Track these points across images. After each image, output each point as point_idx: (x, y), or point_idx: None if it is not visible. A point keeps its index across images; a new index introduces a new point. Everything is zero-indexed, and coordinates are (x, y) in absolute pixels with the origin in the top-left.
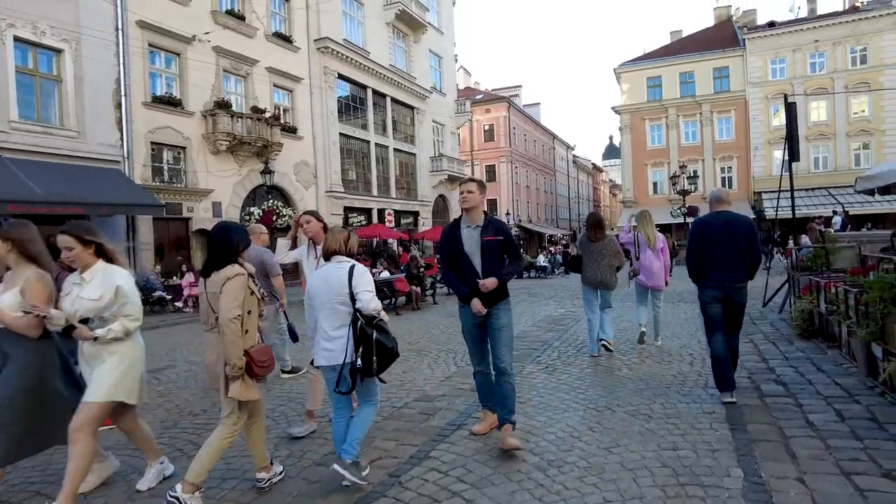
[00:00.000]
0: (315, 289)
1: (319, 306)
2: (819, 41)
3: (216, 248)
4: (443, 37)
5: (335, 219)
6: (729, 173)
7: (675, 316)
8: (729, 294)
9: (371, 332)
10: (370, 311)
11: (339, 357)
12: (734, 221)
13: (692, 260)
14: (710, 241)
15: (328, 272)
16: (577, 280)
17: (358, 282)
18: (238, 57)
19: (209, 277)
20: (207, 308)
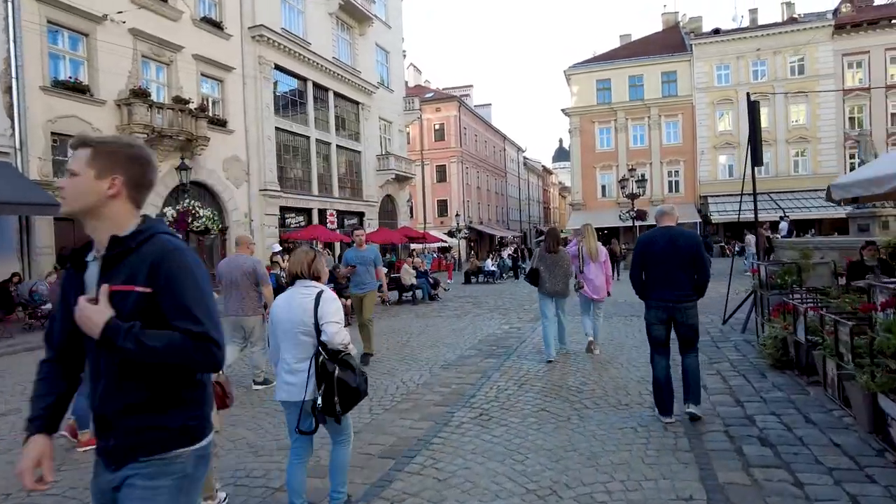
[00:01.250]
0: (277, 315)
1: (282, 334)
2: (761, 49)
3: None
4: (390, 31)
5: (269, 219)
6: (676, 177)
7: (630, 335)
8: (673, 315)
9: (333, 368)
10: (336, 344)
11: (301, 392)
12: (678, 237)
13: (635, 276)
14: (653, 257)
15: (291, 297)
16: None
17: (324, 310)
18: (160, 42)
19: None
20: None
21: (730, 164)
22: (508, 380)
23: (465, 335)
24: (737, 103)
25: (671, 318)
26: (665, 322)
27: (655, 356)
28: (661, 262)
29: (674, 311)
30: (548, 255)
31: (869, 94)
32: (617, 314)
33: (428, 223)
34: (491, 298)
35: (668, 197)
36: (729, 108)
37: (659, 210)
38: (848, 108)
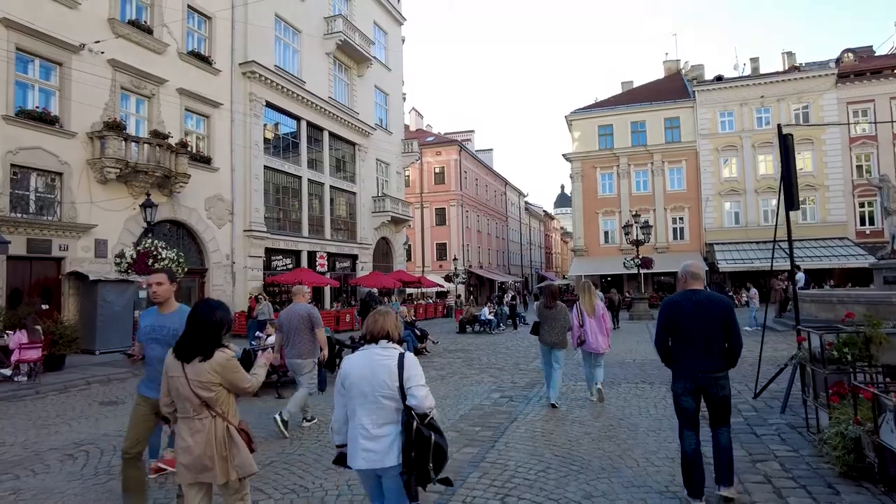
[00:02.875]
0: (354, 376)
1: (359, 397)
2: (765, 97)
3: (200, 332)
4: (390, 74)
5: (253, 261)
6: (681, 224)
7: (644, 412)
8: (704, 386)
9: (429, 434)
10: (425, 408)
11: (382, 460)
12: (708, 302)
13: (660, 343)
14: (680, 324)
15: (372, 359)
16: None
17: (410, 374)
18: (141, 74)
19: (190, 362)
20: (190, 395)
21: (735, 212)
22: (488, 487)
23: (444, 408)
24: (741, 150)
25: (701, 389)
26: (694, 393)
27: (685, 430)
28: (690, 329)
29: (704, 382)
30: (546, 311)
31: (876, 142)
32: (626, 379)
33: (426, 267)
34: (485, 353)
35: (672, 244)
36: (733, 155)
37: (687, 271)
38: (855, 155)
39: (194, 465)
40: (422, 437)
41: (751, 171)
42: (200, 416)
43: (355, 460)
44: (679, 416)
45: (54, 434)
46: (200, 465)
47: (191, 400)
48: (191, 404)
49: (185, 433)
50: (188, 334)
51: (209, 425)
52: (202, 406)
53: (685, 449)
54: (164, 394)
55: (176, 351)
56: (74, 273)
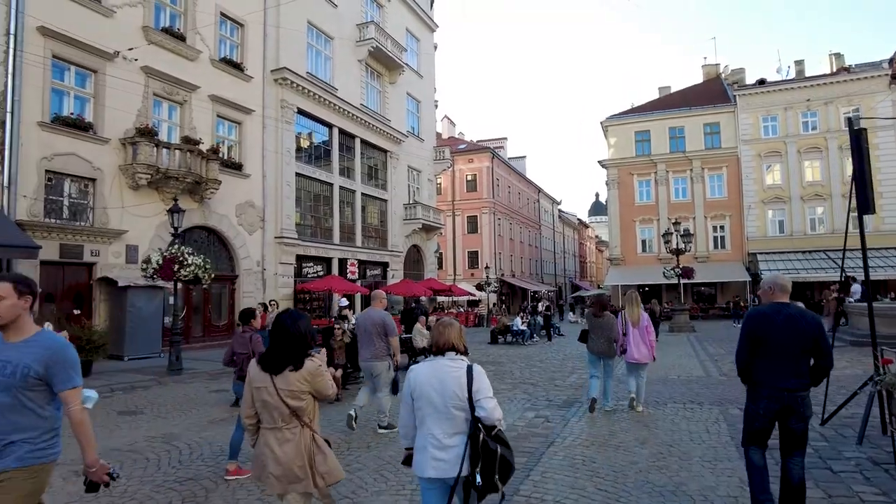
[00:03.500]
0: (423, 386)
1: (428, 407)
2: (811, 100)
3: (290, 343)
4: (422, 81)
5: (284, 268)
6: (721, 232)
7: (696, 438)
8: (789, 405)
9: (495, 447)
10: (493, 420)
11: (453, 469)
12: (799, 317)
13: (743, 357)
14: (768, 339)
15: (442, 370)
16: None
17: (479, 386)
18: (173, 80)
19: (279, 374)
20: (280, 405)
21: (780, 220)
22: None
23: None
24: (785, 156)
25: (784, 410)
26: (775, 415)
27: (754, 453)
28: (780, 345)
29: (790, 401)
30: (594, 319)
31: None
32: (672, 399)
33: (458, 275)
34: (517, 367)
35: (713, 254)
36: (777, 161)
37: (772, 282)
38: None
39: (285, 476)
40: (488, 449)
41: (796, 178)
42: (289, 426)
43: (425, 469)
44: (749, 436)
45: None
46: (292, 475)
47: (280, 410)
48: (279, 414)
49: (273, 444)
50: (275, 346)
51: (298, 435)
52: (291, 416)
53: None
54: (248, 405)
55: (262, 363)
56: (105, 279)
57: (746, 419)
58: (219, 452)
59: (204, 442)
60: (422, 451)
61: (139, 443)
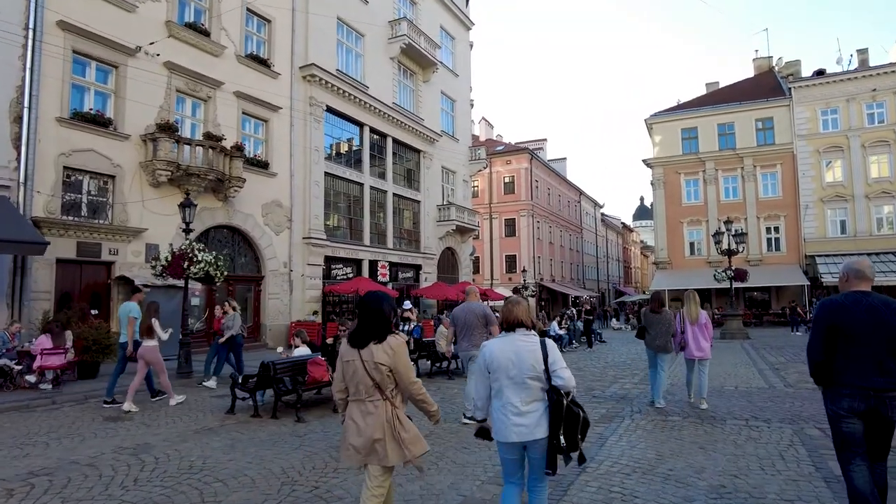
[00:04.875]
0: (499, 360)
1: (505, 378)
2: (878, 90)
3: (375, 319)
4: (457, 80)
5: (312, 269)
6: (776, 234)
7: (768, 465)
8: (875, 406)
9: (577, 410)
10: (570, 388)
11: (533, 432)
12: (884, 307)
13: (817, 354)
14: (848, 331)
15: (516, 345)
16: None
17: (554, 357)
18: (197, 76)
19: (364, 347)
20: (364, 376)
21: (842, 220)
22: None
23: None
24: (848, 151)
25: (871, 412)
26: (861, 416)
27: (852, 462)
28: (861, 338)
29: (878, 402)
30: (651, 315)
31: None
32: (732, 414)
33: (495, 280)
34: None
35: (766, 256)
36: (838, 157)
37: (851, 269)
38: None
39: (364, 447)
40: (572, 412)
41: (860, 175)
42: (372, 399)
43: (508, 434)
44: (841, 444)
45: (16, 458)
46: (370, 447)
47: (364, 382)
48: (364, 386)
49: (357, 415)
50: (362, 324)
51: (381, 407)
52: (374, 388)
53: (857, 486)
54: (339, 379)
55: (351, 340)
56: (122, 277)
57: (831, 424)
58: (186, 469)
59: (175, 456)
60: (501, 421)
61: (105, 455)
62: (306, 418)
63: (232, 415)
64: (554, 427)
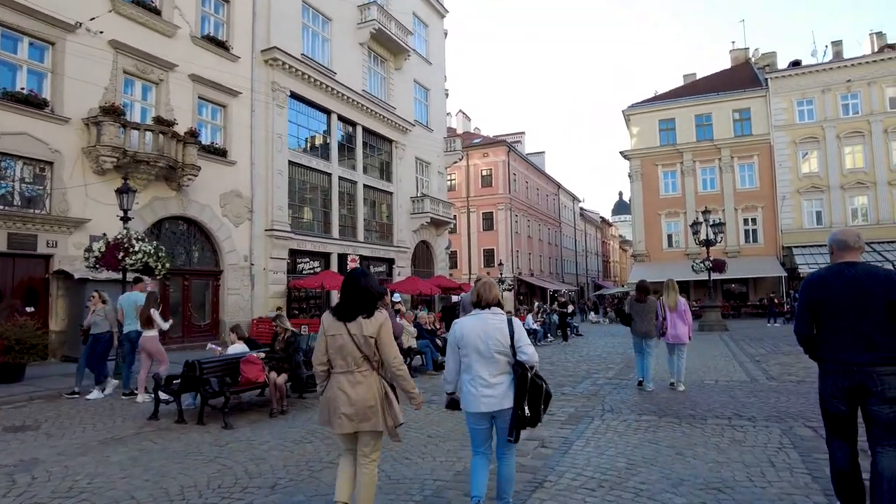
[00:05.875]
0: (469, 337)
1: (474, 353)
2: (852, 81)
3: (362, 295)
4: (431, 68)
5: (276, 263)
6: (753, 225)
7: (756, 474)
8: (862, 383)
9: (541, 383)
10: (534, 362)
11: (500, 402)
12: (867, 277)
13: (801, 330)
14: (830, 305)
15: (486, 322)
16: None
17: (520, 334)
18: (147, 57)
19: (352, 321)
20: (353, 349)
21: (818, 211)
22: None
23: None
24: (823, 141)
25: (859, 389)
26: (848, 394)
27: (835, 441)
28: (843, 310)
29: (864, 378)
30: (636, 304)
31: None
32: (713, 412)
33: (473, 274)
34: None
35: (744, 248)
36: (814, 148)
37: (836, 239)
38: None
39: (357, 415)
40: (535, 384)
41: (835, 165)
42: (361, 370)
43: (477, 405)
44: (827, 422)
45: None
46: (363, 413)
47: (353, 354)
48: (353, 358)
49: (346, 386)
50: (348, 299)
51: (370, 377)
52: (363, 359)
53: (838, 462)
54: (322, 352)
55: (336, 313)
56: (61, 272)
57: (820, 402)
58: (63, 492)
59: (60, 474)
60: (470, 392)
61: None
62: (236, 424)
63: (155, 420)
64: (519, 398)
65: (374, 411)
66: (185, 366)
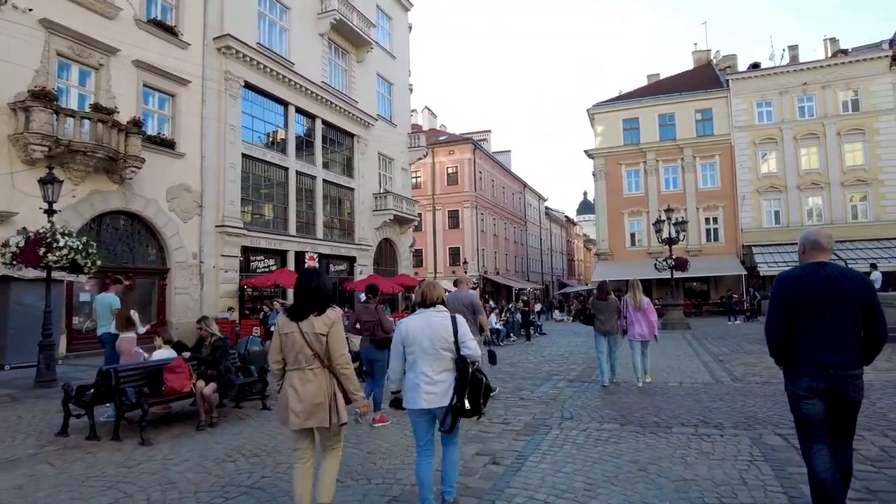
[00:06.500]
0: (414, 335)
1: (419, 351)
2: (808, 84)
3: (315, 293)
4: (395, 62)
5: (227, 262)
6: (714, 224)
7: (727, 492)
8: (836, 386)
9: (481, 377)
10: (476, 358)
11: (441, 400)
12: (842, 278)
13: (775, 331)
14: (805, 306)
15: (430, 320)
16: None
17: (463, 330)
18: (85, 40)
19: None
20: (303, 346)
21: (776, 210)
22: None
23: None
24: (781, 143)
25: (832, 392)
26: (822, 396)
27: (813, 447)
28: (818, 312)
29: (838, 381)
30: (599, 302)
31: None
32: (679, 419)
33: (439, 273)
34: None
35: (705, 246)
36: (773, 148)
37: (808, 239)
38: None
39: (305, 411)
40: (476, 378)
41: (793, 166)
42: (312, 367)
43: (419, 402)
44: (801, 427)
45: None
46: (311, 409)
47: (304, 352)
48: (304, 356)
49: (297, 383)
50: (300, 300)
51: (320, 375)
52: (314, 357)
53: (817, 473)
54: (276, 350)
55: (289, 313)
56: None
57: (791, 405)
58: None
59: None
60: (414, 389)
61: None
62: (157, 439)
63: (63, 437)
64: (460, 391)
65: (321, 408)
66: (98, 374)
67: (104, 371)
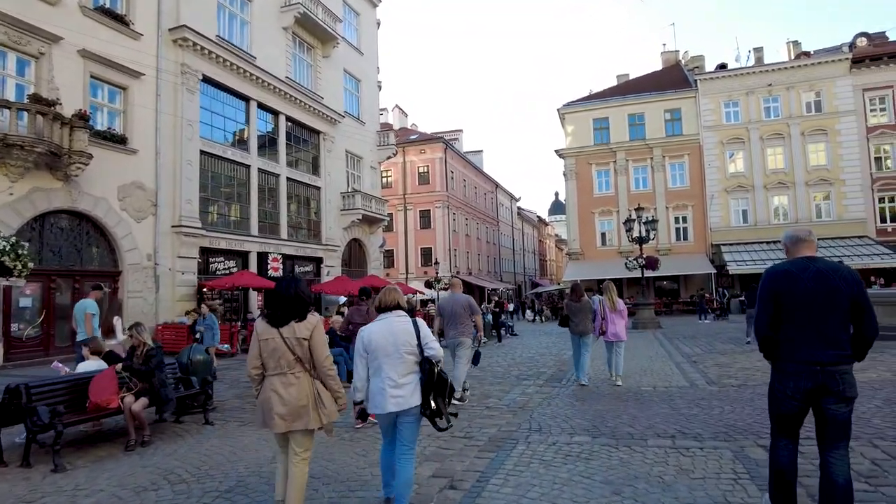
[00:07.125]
0: (377, 341)
1: (383, 356)
2: (773, 85)
3: (295, 301)
4: (363, 58)
5: (184, 263)
6: (684, 223)
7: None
8: (824, 383)
9: (446, 376)
10: (439, 358)
11: (408, 401)
12: (832, 272)
13: (763, 325)
14: (794, 300)
15: (392, 325)
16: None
17: (425, 333)
18: (23, 26)
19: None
20: (285, 352)
21: (744, 210)
22: None
23: None
24: (748, 142)
25: (819, 390)
26: (807, 396)
27: (781, 441)
28: (807, 305)
29: (826, 378)
30: (573, 304)
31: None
32: (654, 429)
33: (410, 273)
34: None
35: (675, 245)
36: (740, 148)
37: (791, 235)
38: (873, 147)
39: (290, 414)
40: (441, 378)
41: (759, 166)
42: (294, 371)
43: (386, 406)
44: (776, 421)
45: None
46: (296, 413)
47: (286, 357)
48: (285, 361)
49: (279, 387)
50: (279, 307)
51: (302, 378)
52: (296, 362)
53: (780, 460)
54: (255, 356)
55: (269, 319)
56: None
57: (771, 401)
58: None
59: None
60: (380, 394)
61: None
62: (76, 463)
63: None
64: (426, 392)
65: (305, 410)
66: (5, 392)
67: (13, 388)
